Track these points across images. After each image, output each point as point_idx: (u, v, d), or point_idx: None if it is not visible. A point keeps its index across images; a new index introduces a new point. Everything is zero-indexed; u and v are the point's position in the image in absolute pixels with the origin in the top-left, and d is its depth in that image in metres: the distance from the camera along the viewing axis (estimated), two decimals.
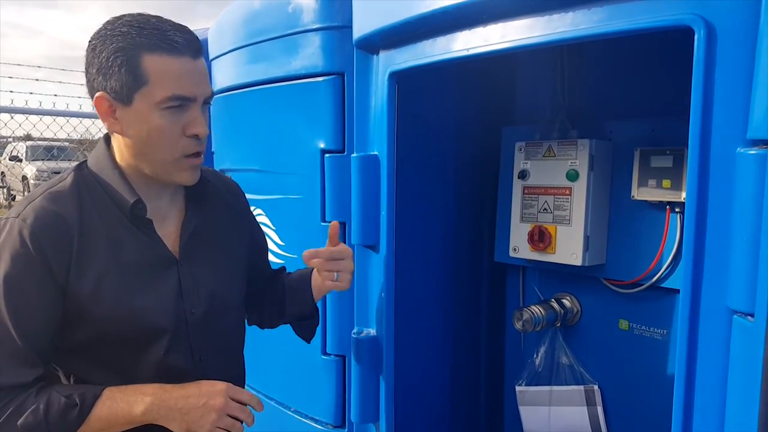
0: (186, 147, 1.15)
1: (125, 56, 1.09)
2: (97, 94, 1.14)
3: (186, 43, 1.12)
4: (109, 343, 1.16)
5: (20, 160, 12.85)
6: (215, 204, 1.34)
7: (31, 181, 11.78)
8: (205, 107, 1.19)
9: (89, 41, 1.14)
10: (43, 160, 10.01)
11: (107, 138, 1.22)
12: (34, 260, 1.07)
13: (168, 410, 1.11)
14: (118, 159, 1.20)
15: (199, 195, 1.30)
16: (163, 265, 1.20)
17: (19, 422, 1.05)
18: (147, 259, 1.18)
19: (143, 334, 1.17)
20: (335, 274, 1.38)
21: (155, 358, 1.18)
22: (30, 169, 11.87)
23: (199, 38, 1.19)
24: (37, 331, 1.10)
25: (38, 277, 1.08)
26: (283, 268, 1.61)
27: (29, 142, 12.07)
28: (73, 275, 1.10)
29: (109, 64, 1.10)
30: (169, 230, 1.24)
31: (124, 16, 1.13)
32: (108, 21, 1.14)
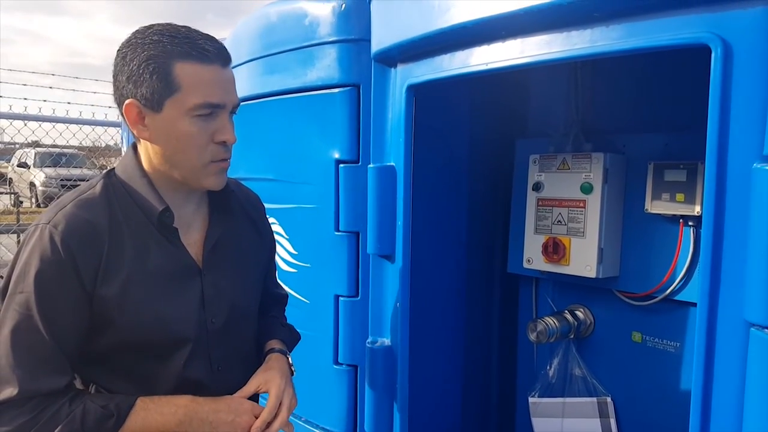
0: (214, 153, 1.17)
1: (157, 64, 1.11)
2: (127, 101, 1.14)
3: (217, 52, 1.14)
4: (132, 351, 1.17)
5: (28, 167, 12.90)
6: (237, 215, 1.36)
7: (40, 188, 11.82)
8: (232, 115, 1.21)
9: (118, 50, 1.16)
10: (53, 166, 10.07)
11: (135, 146, 1.24)
12: (65, 266, 1.09)
13: (200, 423, 1.15)
14: (145, 166, 1.21)
15: (223, 205, 1.31)
16: (187, 273, 1.22)
17: (56, 431, 1.07)
18: (172, 267, 1.20)
19: (166, 342, 1.19)
20: None
21: (176, 367, 1.20)
22: (40, 176, 11.91)
23: None
24: (68, 336, 1.11)
25: (68, 283, 1.09)
26: (279, 301, 1.60)
27: (38, 149, 12.12)
28: (100, 281, 1.12)
29: (140, 71, 1.12)
30: (193, 239, 1.25)
31: (154, 25, 1.15)
32: (138, 30, 1.16)
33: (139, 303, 1.15)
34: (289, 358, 1.41)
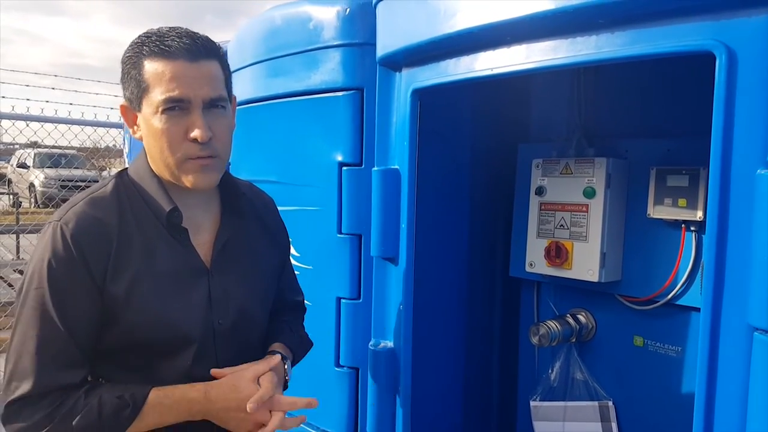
0: (188, 151, 1.15)
1: (130, 65, 1.16)
2: (120, 104, 1.21)
3: (182, 47, 1.13)
4: (138, 350, 1.18)
5: (27, 167, 12.89)
6: (249, 218, 1.36)
7: (39, 189, 11.81)
8: (216, 111, 1.17)
9: None
10: (56, 167, 10.06)
11: None
12: (75, 262, 1.11)
13: (213, 415, 1.18)
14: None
15: (234, 207, 1.32)
16: (195, 274, 1.22)
17: (74, 422, 1.09)
18: (179, 267, 1.20)
19: (171, 341, 1.19)
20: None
21: (182, 368, 1.20)
22: (39, 177, 11.90)
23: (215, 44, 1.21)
24: (82, 330, 1.13)
25: (79, 279, 1.11)
26: (293, 307, 1.58)
27: (37, 149, 12.12)
28: (110, 278, 1.13)
29: (124, 74, 1.18)
30: (202, 240, 1.26)
31: (149, 29, 1.19)
32: None
33: (146, 301, 1.16)
34: (287, 365, 1.36)
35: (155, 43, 1.13)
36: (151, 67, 1.13)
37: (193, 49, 1.14)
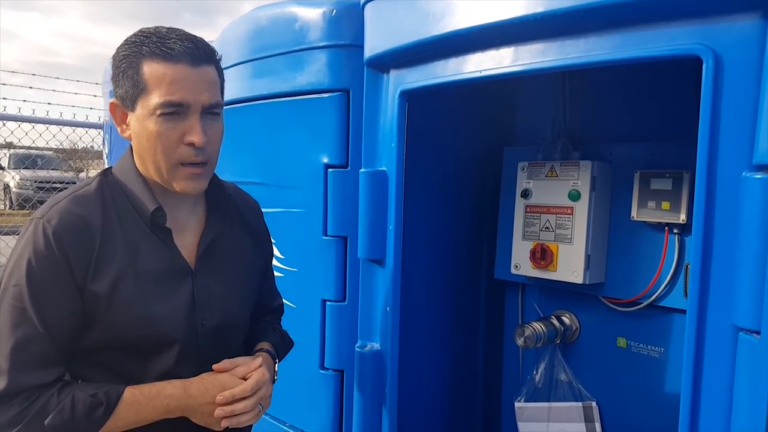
0: (182, 155, 1.15)
1: (128, 63, 1.13)
2: (110, 101, 1.19)
3: (184, 50, 1.12)
4: (119, 350, 1.17)
5: (2, 168, 12.64)
6: (234, 220, 1.35)
7: (14, 190, 11.58)
8: (211, 117, 1.18)
9: None
10: (33, 168, 9.87)
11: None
12: (57, 260, 1.09)
13: (191, 411, 1.18)
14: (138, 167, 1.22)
15: (220, 209, 1.31)
16: (178, 274, 1.21)
17: (46, 422, 1.07)
18: (162, 267, 1.19)
19: (153, 341, 1.18)
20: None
21: (164, 368, 1.19)
22: (14, 179, 11.65)
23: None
24: (60, 329, 1.11)
25: (60, 277, 1.09)
26: (272, 311, 1.57)
27: (12, 150, 11.90)
28: (91, 277, 1.12)
29: (118, 72, 1.15)
30: (187, 241, 1.25)
31: (145, 28, 1.17)
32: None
33: (128, 301, 1.14)
34: (276, 365, 1.39)
35: (156, 44, 1.11)
36: (151, 68, 1.11)
37: (194, 53, 1.13)
